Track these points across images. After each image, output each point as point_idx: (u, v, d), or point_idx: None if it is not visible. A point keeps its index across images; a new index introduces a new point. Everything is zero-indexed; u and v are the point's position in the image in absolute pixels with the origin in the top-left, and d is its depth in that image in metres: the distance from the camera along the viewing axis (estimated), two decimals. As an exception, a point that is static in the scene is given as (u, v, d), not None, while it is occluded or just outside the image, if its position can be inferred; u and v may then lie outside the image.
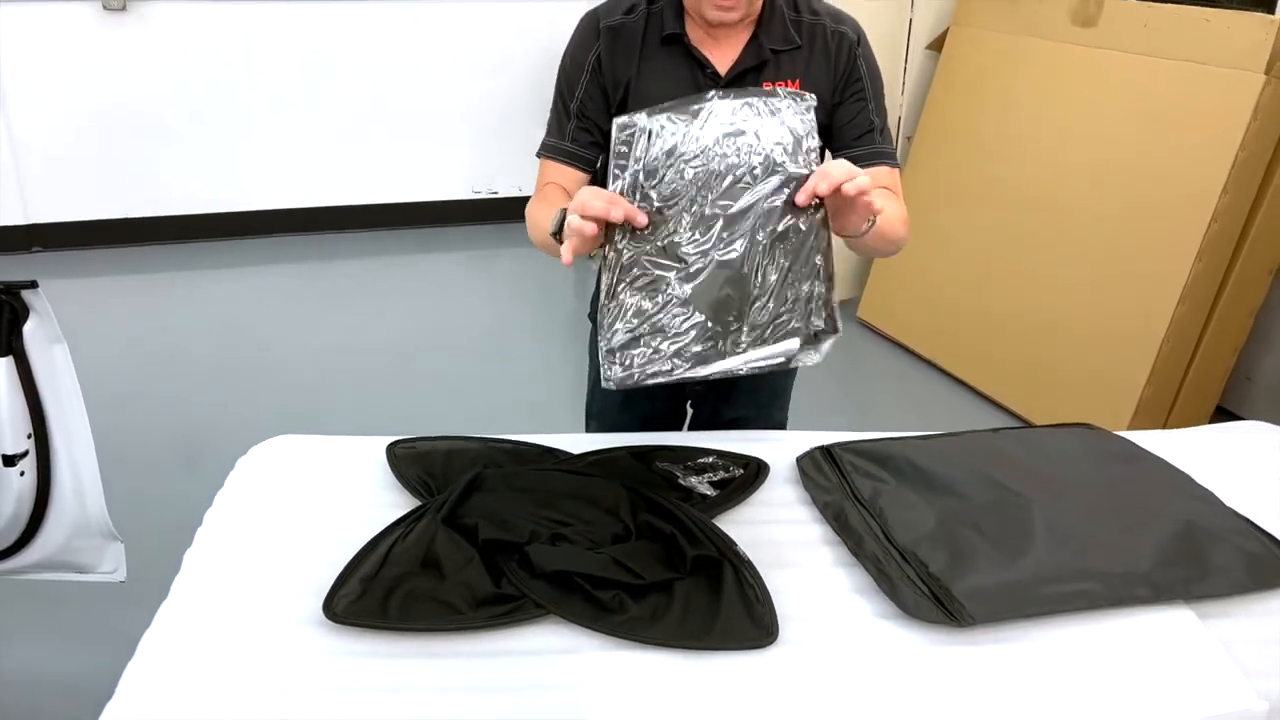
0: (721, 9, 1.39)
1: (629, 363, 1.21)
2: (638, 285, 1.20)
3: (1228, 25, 2.64)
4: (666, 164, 1.19)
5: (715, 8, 1.39)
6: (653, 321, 1.20)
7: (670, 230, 1.19)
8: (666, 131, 1.20)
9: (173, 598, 1.22)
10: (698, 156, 1.19)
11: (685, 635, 1.17)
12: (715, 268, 1.19)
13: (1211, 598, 1.26)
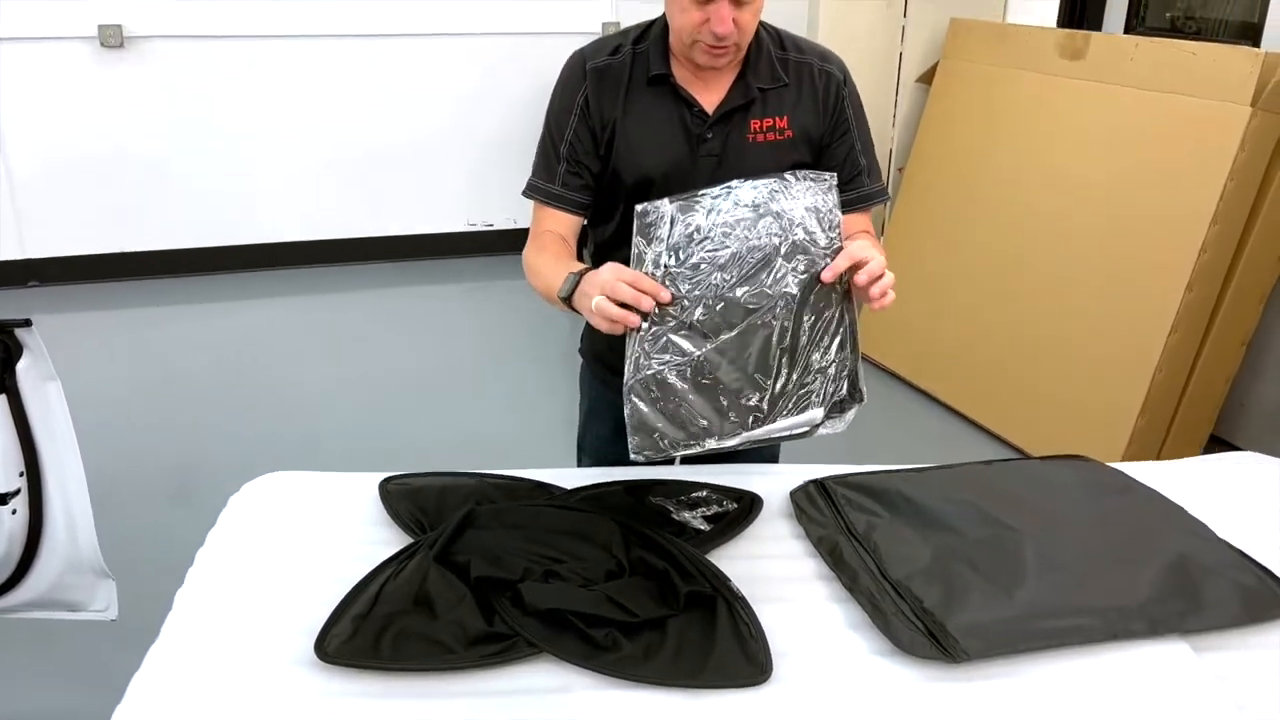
0: (712, 56, 1.40)
1: (656, 436, 1.23)
2: (663, 362, 1.23)
3: (1214, 59, 2.67)
4: (690, 246, 1.25)
5: (706, 55, 1.40)
6: (677, 397, 1.23)
7: (694, 308, 1.24)
8: (690, 215, 1.27)
9: (163, 638, 1.21)
10: (721, 238, 1.25)
11: (679, 674, 1.16)
12: (738, 345, 1.23)
13: (1206, 631, 1.26)
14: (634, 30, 1.53)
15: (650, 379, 1.23)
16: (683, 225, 1.27)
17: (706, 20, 1.35)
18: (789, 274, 1.24)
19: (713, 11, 1.34)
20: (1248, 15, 3.08)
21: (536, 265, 1.50)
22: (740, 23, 1.36)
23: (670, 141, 1.49)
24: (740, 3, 1.34)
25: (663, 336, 1.24)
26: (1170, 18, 3.43)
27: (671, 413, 1.23)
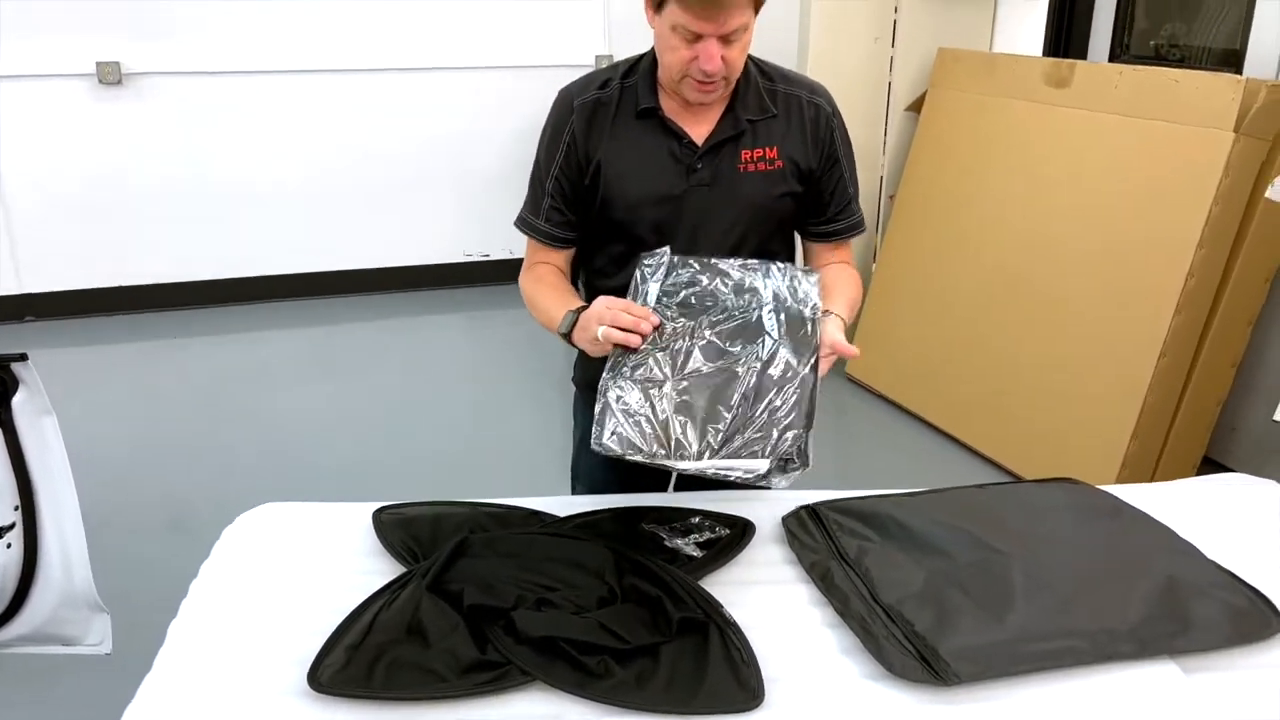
0: (702, 91, 1.43)
1: (614, 434, 1.29)
2: (637, 376, 1.32)
3: (1196, 86, 2.71)
4: (683, 290, 1.40)
5: (696, 90, 1.43)
6: (643, 411, 1.30)
7: (676, 342, 1.35)
8: (690, 267, 1.43)
9: (156, 670, 1.21)
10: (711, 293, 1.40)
11: (671, 700, 1.17)
12: (707, 380, 1.32)
13: (1195, 652, 1.26)
14: (623, 65, 1.56)
15: (625, 385, 1.31)
16: (680, 271, 1.42)
17: (695, 57, 1.38)
18: (768, 335, 1.36)
19: (701, 49, 1.37)
20: (1230, 42, 3.12)
21: (534, 296, 1.57)
22: (728, 59, 1.39)
23: (660, 172, 1.52)
24: (728, 40, 1.37)
25: (646, 356, 1.33)
26: (1155, 45, 3.48)
27: (635, 423, 1.29)
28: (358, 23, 4.38)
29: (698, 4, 1.32)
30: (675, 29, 1.37)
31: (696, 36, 1.36)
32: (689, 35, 1.37)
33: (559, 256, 1.62)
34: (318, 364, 4.09)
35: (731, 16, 1.34)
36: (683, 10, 1.34)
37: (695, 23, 1.34)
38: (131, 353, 4.14)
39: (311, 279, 4.65)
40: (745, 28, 1.37)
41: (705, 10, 1.33)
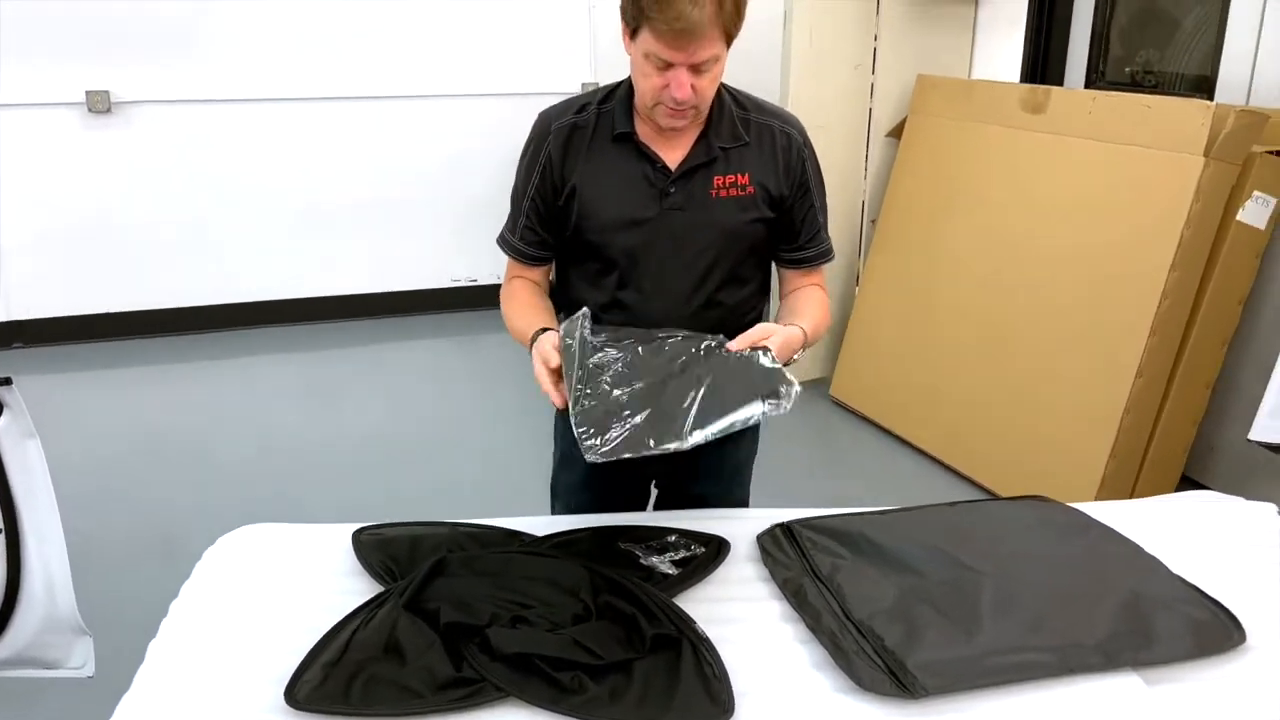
0: (673, 118, 1.47)
1: (609, 437, 1.33)
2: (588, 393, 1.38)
3: (1167, 111, 2.76)
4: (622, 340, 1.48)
5: (668, 116, 1.47)
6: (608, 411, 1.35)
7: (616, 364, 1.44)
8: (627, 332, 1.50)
9: (135, 688, 1.23)
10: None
11: (643, 714, 1.19)
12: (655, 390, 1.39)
13: (1158, 664, 1.29)
14: (601, 90, 1.60)
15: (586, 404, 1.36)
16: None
17: (667, 85, 1.42)
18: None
19: (672, 78, 1.41)
20: (1202, 69, 3.18)
21: (506, 312, 1.65)
22: (699, 88, 1.43)
23: (633, 195, 1.55)
24: (698, 70, 1.41)
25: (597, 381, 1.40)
26: (1130, 72, 3.54)
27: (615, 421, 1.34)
28: (347, 51, 4.44)
29: (669, 34, 1.36)
30: (648, 57, 1.41)
31: (668, 65, 1.40)
32: (661, 63, 1.41)
33: (535, 273, 1.68)
34: (306, 389, 4.10)
35: (702, 47, 1.38)
36: (655, 39, 1.38)
37: (667, 51, 1.38)
38: (120, 379, 4.15)
39: (301, 304, 4.67)
40: (716, 59, 1.41)
41: (676, 40, 1.37)
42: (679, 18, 1.34)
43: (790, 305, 1.67)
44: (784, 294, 1.72)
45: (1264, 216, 2.76)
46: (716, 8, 1.36)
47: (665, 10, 1.34)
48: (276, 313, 4.63)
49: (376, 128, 4.59)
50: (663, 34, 1.37)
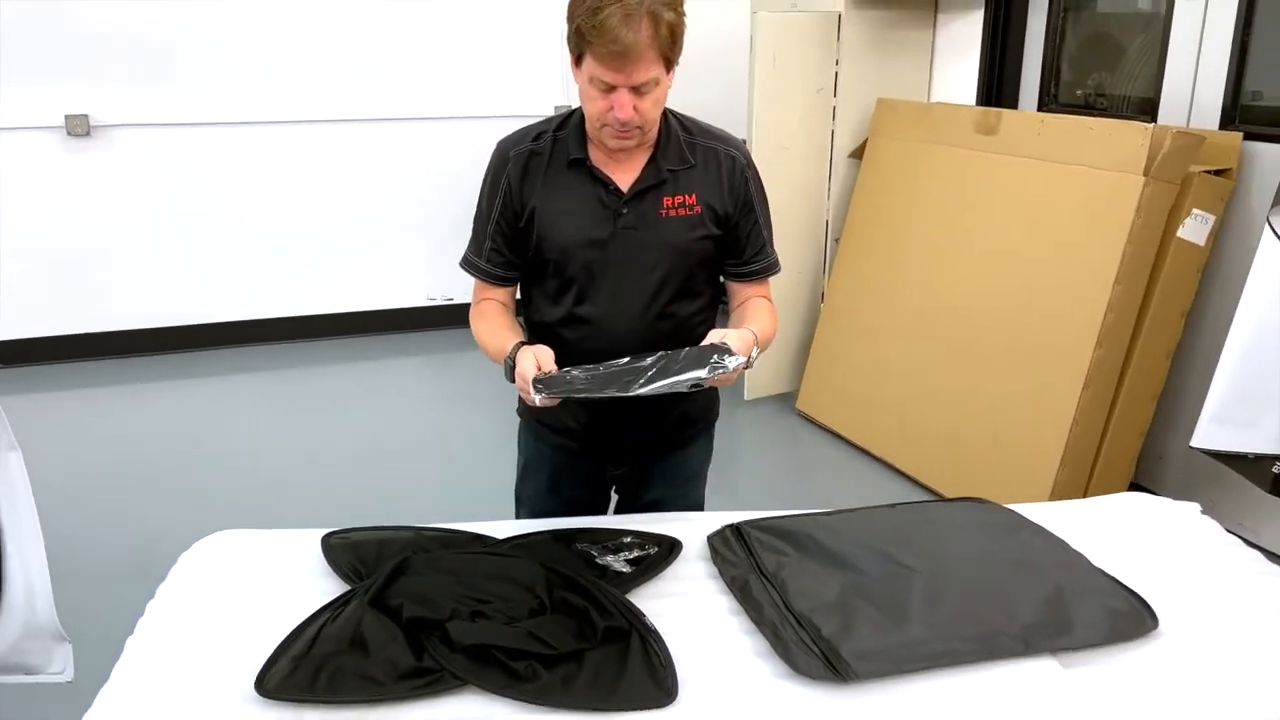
0: (620, 139, 1.57)
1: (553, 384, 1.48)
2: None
3: (1109, 133, 2.89)
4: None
5: (614, 138, 1.57)
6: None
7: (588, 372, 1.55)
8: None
9: (113, 680, 1.30)
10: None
11: (592, 699, 1.27)
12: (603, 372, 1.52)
13: (1075, 650, 1.38)
14: (556, 119, 1.70)
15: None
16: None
17: (611, 107, 1.51)
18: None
19: (615, 99, 1.50)
20: (1147, 92, 3.31)
21: (478, 332, 1.74)
22: (641, 109, 1.52)
23: (589, 217, 1.64)
24: (639, 91, 1.51)
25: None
26: (1082, 95, 3.68)
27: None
28: (324, 75, 4.53)
29: (609, 57, 1.46)
30: (592, 81, 1.52)
31: (611, 87, 1.50)
32: (604, 86, 1.51)
33: (502, 293, 1.76)
34: (283, 407, 4.16)
35: (639, 70, 1.48)
36: (596, 63, 1.48)
37: (608, 74, 1.49)
38: (98, 398, 4.20)
39: (278, 324, 4.75)
40: (656, 81, 1.51)
41: (615, 62, 1.47)
42: (615, 41, 1.44)
43: (739, 316, 1.76)
44: (733, 307, 1.81)
45: (1203, 233, 2.89)
46: (652, 32, 1.46)
47: (603, 35, 1.44)
48: (254, 332, 4.70)
49: (354, 150, 4.68)
50: (602, 57, 1.47)
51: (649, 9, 1.45)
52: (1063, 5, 3.60)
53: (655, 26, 1.46)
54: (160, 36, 4.28)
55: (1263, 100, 2.96)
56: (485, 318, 1.73)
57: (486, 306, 1.75)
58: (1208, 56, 3.03)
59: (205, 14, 4.32)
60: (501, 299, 1.76)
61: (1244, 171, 2.89)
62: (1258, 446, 2.64)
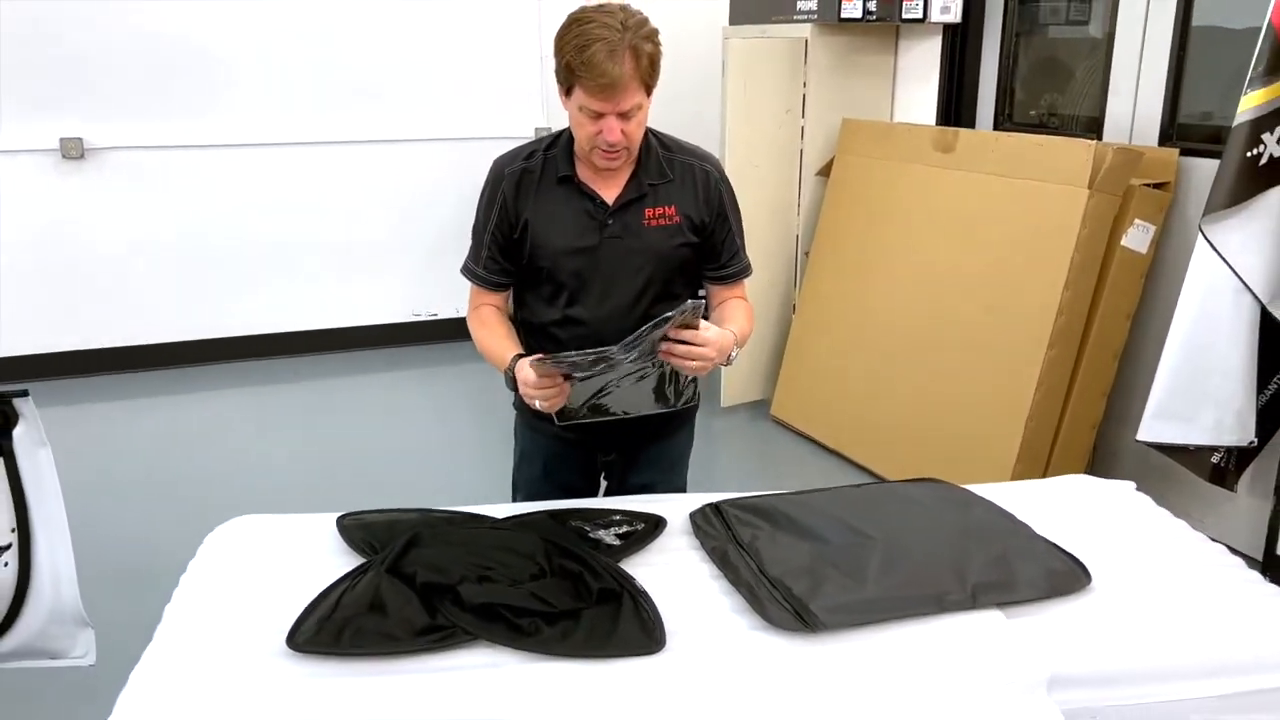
0: (608, 159, 1.75)
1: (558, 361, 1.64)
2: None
3: (1056, 149, 3.10)
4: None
5: (603, 158, 1.75)
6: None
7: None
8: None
9: (157, 640, 1.44)
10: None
11: (590, 649, 1.43)
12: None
13: (1017, 603, 1.55)
14: (545, 139, 1.88)
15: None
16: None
17: (600, 131, 1.69)
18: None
19: (604, 125, 1.68)
20: (1093, 111, 3.54)
21: (478, 337, 1.91)
22: (627, 132, 1.70)
23: (577, 228, 1.82)
24: (625, 116, 1.68)
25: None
26: (1036, 114, 3.90)
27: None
28: (312, 99, 4.69)
29: (597, 89, 1.64)
30: (582, 109, 1.69)
31: (599, 115, 1.68)
32: (593, 114, 1.68)
33: (498, 298, 1.93)
34: (277, 421, 4.28)
35: (625, 98, 1.66)
36: (586, 94, 1.66)
37: (597, 104, 1.66)
38: (94, 413, 4.31)
39: (268, 340, 4.88)
40: (639, 107, 1.69)
41: (603, 93, 1.65)
42: (603, 75, 1.62)
43: (719, 316, 1.94)
44: (712, 307, 1.99)
45: (1145, 241, 3.10)
46: (634, 65, 1.64)
47: (591, 70, 1.62)
48: (246, 349, 4.83)
49: (341, 171, 4.84)
50: (591, 89, 1.65)
51: (630, 44, 1.63)
52: (1015, 31, 3.83)
53: (637, 59, 1.64)
54: (152, 62, 4.43)
55: (1213, 120, 3.16)
56: (484, 324, 1.90)
57: (485, 312, 1.92)
58: (1146, 79, 3.25)
59: (196, 41, 4.47)
60: (497, 303, 1.93)
61: (1181, 184, 3.10)
62: (1196, 438, 2.84)
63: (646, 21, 1.70)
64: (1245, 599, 1.62)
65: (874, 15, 3.86)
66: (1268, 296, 2.72)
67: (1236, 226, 2.68)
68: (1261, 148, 2.64)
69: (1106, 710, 1.43)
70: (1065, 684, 1.42)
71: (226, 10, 4.49)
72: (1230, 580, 1.68)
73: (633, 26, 1.66)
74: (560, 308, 1.86)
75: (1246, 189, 2.65)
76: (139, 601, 1.81)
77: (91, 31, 4.30)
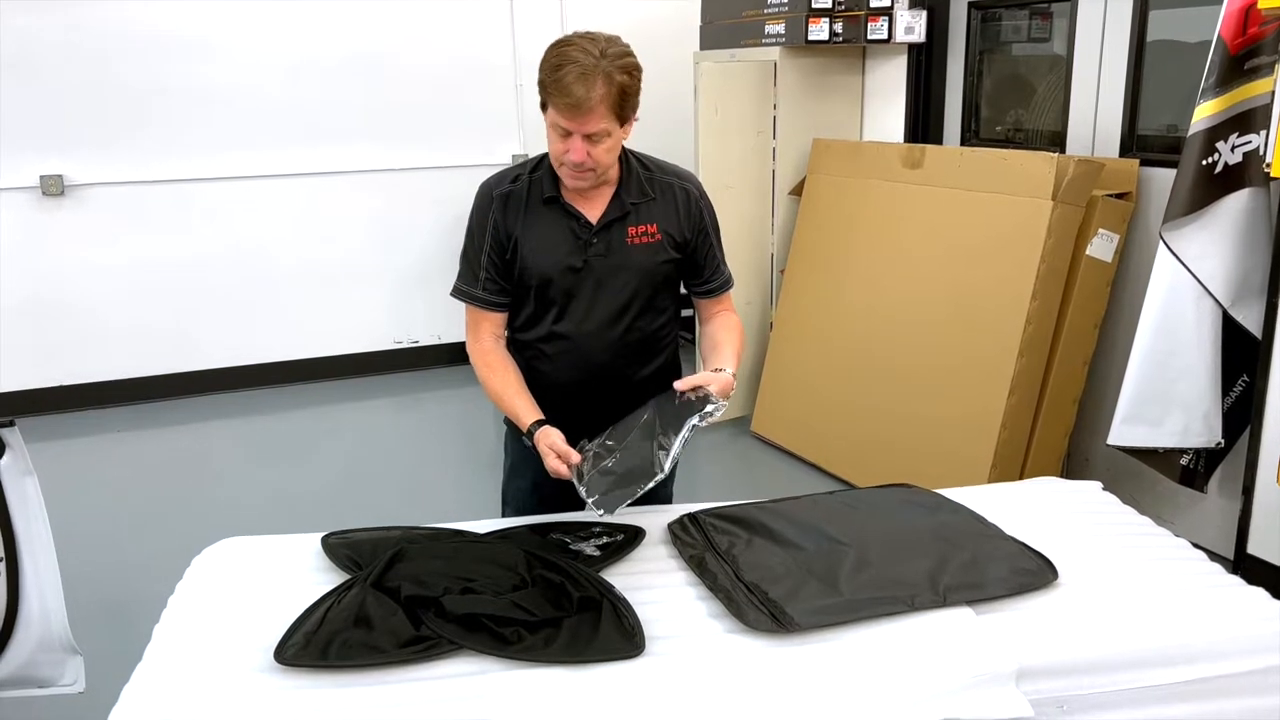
0: (575, 178, 1.80)
1: (610, 499, 1.69)
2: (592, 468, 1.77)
3: (1021, 163, 3.19)
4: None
5: (570, 176, 1.81)
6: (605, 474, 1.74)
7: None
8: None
9: (147, 659, 1.47)
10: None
11: (572, 654, 1.46)
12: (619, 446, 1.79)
13: (987, 600, 1.60)
14: (530, 162, 1.93)
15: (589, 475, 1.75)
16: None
17: (568, 150, 1.75)
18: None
19: (571, 144, 1.75)
20: (1056, 126, 3.63)
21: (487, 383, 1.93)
22: (593, 154, 1.76)
23: (563, 247, 1.87)
24: (591, 139, 1.74)
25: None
26: (1001, 130, 3.99)
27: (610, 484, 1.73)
28: (292, 131, 4.74)
29: (565, 108, 1.71)
30: (554, 126, 1.76)
31: (568, 133, 1.74)
32: (562, 131, 1.75)
33: (496, 319, 1.96)
34: (259, 452, 4.30)
35: (589, 121, 1.72)
36: (556, 112, 1.73)
37: (565, 121, 1.73)
38: (77, 448, 4.31)
39: (250, 371, 4.90)
40: (608, 133, 1.75)
41: (570, 113, 1.71)
42: (569, 95, 1.69)
43: (711, 334, 2.00)
44: (701, 321, 2.05)
45: (1109, 250, 3.18)
46: (604, 91, 1.70)
47: (560, 90, 1.69)
48: (228, 380, 4.85)
49: (319, 201, 4.88)
50: (560, 107, 1.71)
51: (604, 71, 1.70)
52: (979, 49, 3.93)
53: (608, 86, 1.70)
54: (131, 99, 4.47)
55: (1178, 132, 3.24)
56: (495, 371, 1.92)
57: (493, 357, 1.94)
58: (1106, 93, 3.35)
59: (173, 76, 4.52)
60: (496, 328, 1.95)
61: (1142, 193, 3.19)
62: (1165, 441, 2.92)
63: (628, 54, 1.75)
64: (1206, 590, 1.67)
65: (840, 37, 3.96)
66: (1229, 300, 2.80)
67: (1195, 233, 2.77)
68: (1216, 156, 2.73)
69: (1072, 700, 1.48)
70: (1033, 675, 1.47)
71: (202, 46, 4.54)
72: (1192, 572, 1.73)
73: (611, 55, 1.71)
74: (547, 324, 1.91)
75: (1203, 196, 2.74)
76: (127, 629, 1.84)
77: (69, 69, 4.35)
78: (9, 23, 4.22)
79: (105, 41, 4.39)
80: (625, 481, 1.71)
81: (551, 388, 1.94)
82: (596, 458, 1.77)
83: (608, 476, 1.73)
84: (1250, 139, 2.70)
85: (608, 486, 1.71)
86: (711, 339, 1.99)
